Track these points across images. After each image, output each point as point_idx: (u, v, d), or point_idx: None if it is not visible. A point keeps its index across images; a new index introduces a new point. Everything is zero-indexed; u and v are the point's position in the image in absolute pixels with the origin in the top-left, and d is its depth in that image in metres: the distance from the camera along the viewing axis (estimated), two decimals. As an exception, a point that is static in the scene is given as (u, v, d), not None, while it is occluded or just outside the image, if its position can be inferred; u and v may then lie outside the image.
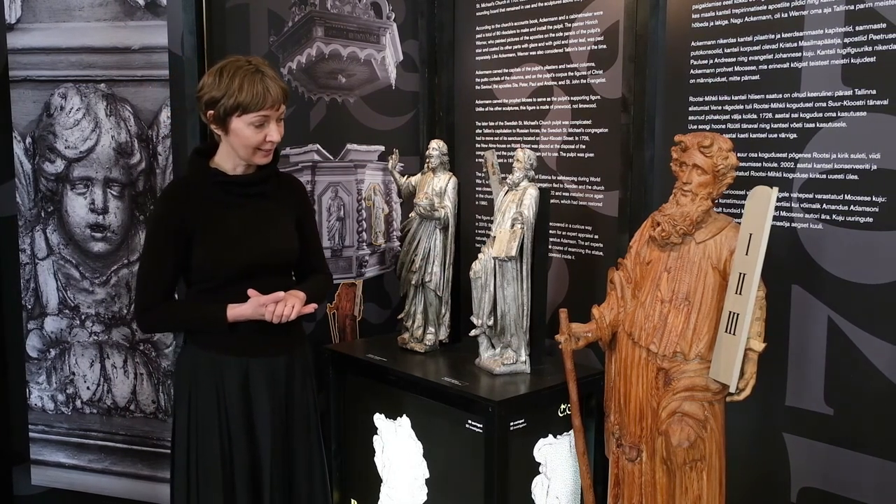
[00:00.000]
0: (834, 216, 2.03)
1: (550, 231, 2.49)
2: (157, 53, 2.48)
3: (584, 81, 2.56)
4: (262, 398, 1.99)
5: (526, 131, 2.75)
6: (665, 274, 1.93)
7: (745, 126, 2.19)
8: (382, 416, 2.48)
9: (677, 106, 2.32)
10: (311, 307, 1.97)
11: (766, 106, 2.14)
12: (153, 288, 1.94)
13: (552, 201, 2.56)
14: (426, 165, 2.53)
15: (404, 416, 2.41)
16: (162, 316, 1.96)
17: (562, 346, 2.09)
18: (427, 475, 2.37)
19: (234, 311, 1.92)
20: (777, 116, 2.12)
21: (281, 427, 2.02)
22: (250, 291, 1.91)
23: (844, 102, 1.99)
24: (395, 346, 2.57)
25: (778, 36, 2.10)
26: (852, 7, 1.96)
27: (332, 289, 2.27)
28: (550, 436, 2.27)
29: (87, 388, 2.67)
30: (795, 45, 2.07)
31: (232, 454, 1.97)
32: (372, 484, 2.55)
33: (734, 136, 2.18)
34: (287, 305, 1.91)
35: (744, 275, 1.81)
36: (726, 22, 2.20)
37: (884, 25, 1.91)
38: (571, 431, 2.20)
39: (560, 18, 2.62)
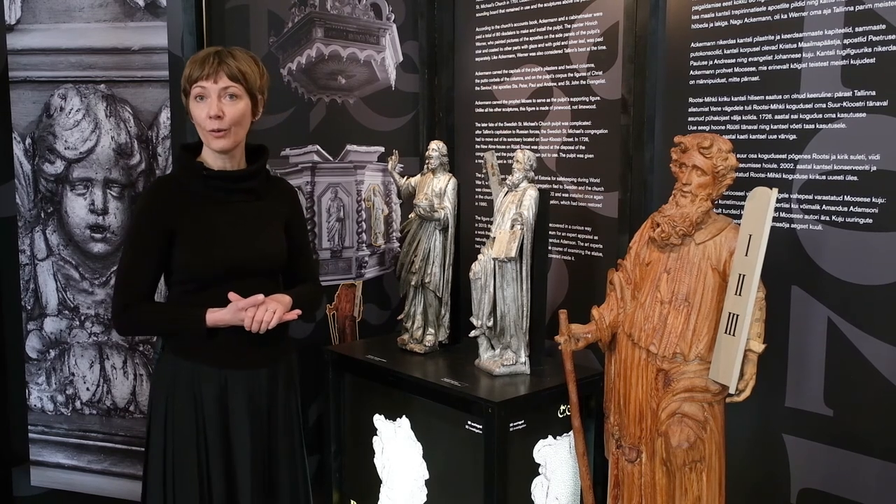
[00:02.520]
0: (833, 217, 2.03)
1: (550, 232, 2.49)
2: (156, 54, 2.48)
3: (584, 82, 2.56)
4: (240, 412, 1.90)
5: (525, 132, 2.75)
6: (665, 275, 1.94)
7: (744, 127, 2.19)
8: (382, 417, 2.48)
9: (677, 107, 2.32)
10: (295, 313, 1.89)
11: (766, 107, 2.14)
12: (134, 285, 1.86)
13: (552, 202, 2.57)
14: (426, 166, 2.53)
15: (404, 417, 2.41)
16: (140, 316, 1.87)
17: (561, 347, 2.09)
18: (427, 476, 2.37)
19: (214, 316, 1.83)
20: (777, 117, 2.12)
21: (261, 443, 1.94)
22: (231, 295, 1.83)
23: (844, 104, 1.99)
24: (394, 347, 2.57)
25: (777, 37, 2.10)
26: (852, 8, 1.96)
27: (321, 299, 2.21)
28: (550, 437, 2.27)
29: (87, 388, 2.67)
30: (795, 46, 2.07)
31: (209, 468, 1.89)
32: (371, 485, 2.55)
33: (734, 137, 2.18)
34: (268, 311, 1.82)
35: (743, 276, 1.81)
36: (726, 23, 2.20)
37: (883, 27, 1.91)
38: (571, 432, 2.20)
39: (560, 19, 2.62)
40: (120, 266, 1.91)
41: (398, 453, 2.44)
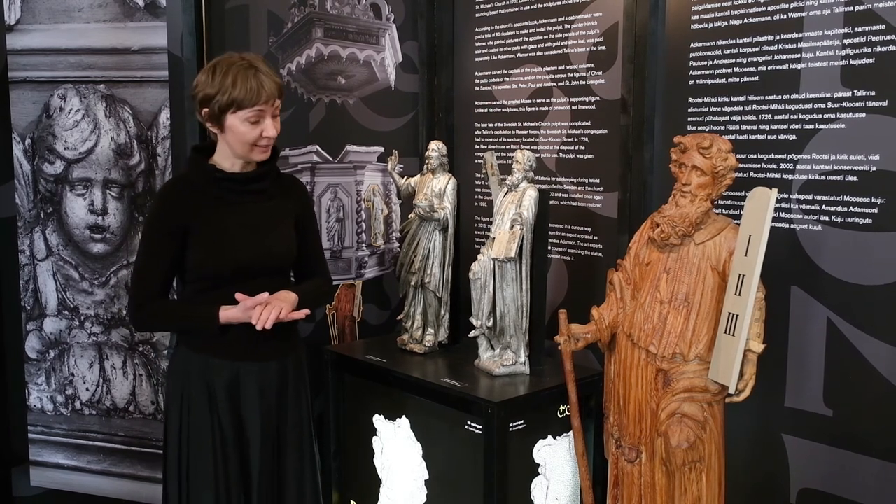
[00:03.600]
0: (833, 217, 2.03)
1: (550, 232, 2.49)
2: (156, 54, 2.48)
3: (584, 82, 2.56)
4: (251, 403, 1.96)
5: (525, 132, 2.75)
6: (664, 275, 1.93)
7: (744, 127, 2.19)
8: (382, 417, 2.48)
9: (676, 107, 2.32)
10: (303, 313, 1.94)
11: (766, 107, 2.14)
12: (148, 285, 1.92)
13: (551, 202, 2.56)
14: (425, 166, 2.53)
15: (403, 417, 2.41)
16: (156, 313, 1.94)
17: (561, 348, 2.09)
18: (426, 476, 2.37)
19: (226, 314, 1.89)
20: (776, 118, 2.12)
21: (272, 433, 2.00)
22: (238, 295, 1.88)
23: (843, 104, 1.99)
24: (394, 347, 2.57)
25: (777, 37, 2.10)
26: (851, 8, 1.96)
27: (331, 294, 2.24)
28: (550, 437, 2.27)
29: (87, 389, 2.67)
30: (794, 46, 2.07)
31: (225, 457, 1.94)
32: (371, 485, 2.55)
33: (733, 137, 2.18)
34: (273, 309, 1.87)
35: (743, 276, 1.81)
36: (725, 23, 2.20)
37: (883, 27, 1.91)
38: (571, 432, 2.20)
39: (559, 19, 2.62)
40: (135, 265, 1.97)
41: (398, 453, 2.44)
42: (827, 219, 2.04)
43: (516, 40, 2.76)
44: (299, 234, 2.07)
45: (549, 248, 2.52)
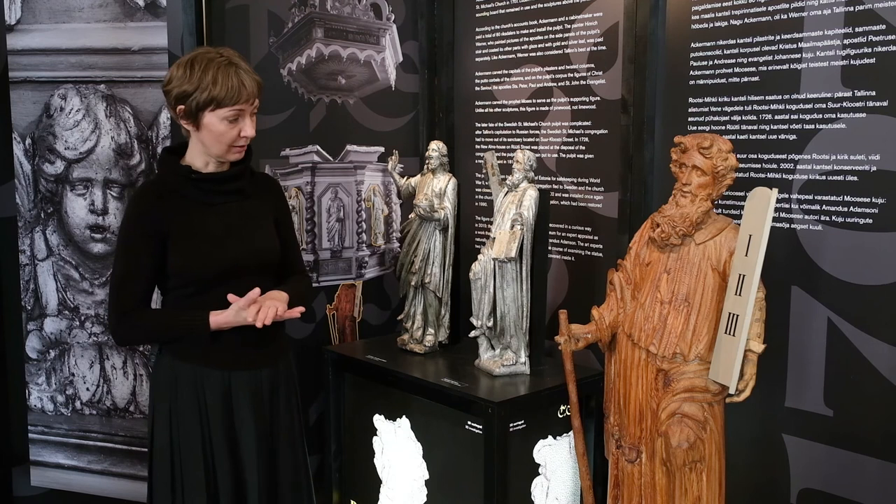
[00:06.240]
0: (833, 217, 2.03)
1: (550, 232, 2.49)
2: (157, 54, 2.48)
3: (584, 82, 2.56)
4: (245, 412, 1.91)
5: (526, 132, 2.75)
6: (665, 275, 1.94)
7: (744, 127, 2.19)
8: (382, 417, 2.48)
9: (677, 107, 2.32)
10: (298, 311, 1.90)
11: (766, 107, 2.14)
12: (130, 295, 1.85)
13: (552, 202, 2.57)
14: (426, 166, 2.53)
15: (404, 417, 2.41)
16: (139, 324, 1.87)
17: (561, 348, 2.09)
18: (427, 476, 2.37)
19: (217, 319, 1.83)
20: (776, 118, 2.12)
21: (266, 442, 1.96)
22: (231, 297, 1.83)
23: (844, 104, 1.99)
24: (394, 347, 2.58)
25: (777, 37, 2.10)
26: (852, 8, 1.96)
27: (312, 289, 2.22)
28: (550, 437, 2.27)
29: (87, 389, 2.67)
30: (795, 46, 2.07)
31: (215, 469, 1.90)
32: (372, 485, 2.55)
33: (734, 137, 2.18)
34: (271, 308, 1.82)
35: (743, 276, 1.81)
36: (726, 23, 2.20)
37: (883, 27, 1.91)
38: (571, 432, 2.20)
39: (560, 19, 2.62)
40: (113, 276, 1.89)
41: (398, 453, 2.44)
42: (827, 219, 2.04)
43: (516, 40, 2.76)
44: (278, 231, 2.03)
45: (550, 248, 2.52)
